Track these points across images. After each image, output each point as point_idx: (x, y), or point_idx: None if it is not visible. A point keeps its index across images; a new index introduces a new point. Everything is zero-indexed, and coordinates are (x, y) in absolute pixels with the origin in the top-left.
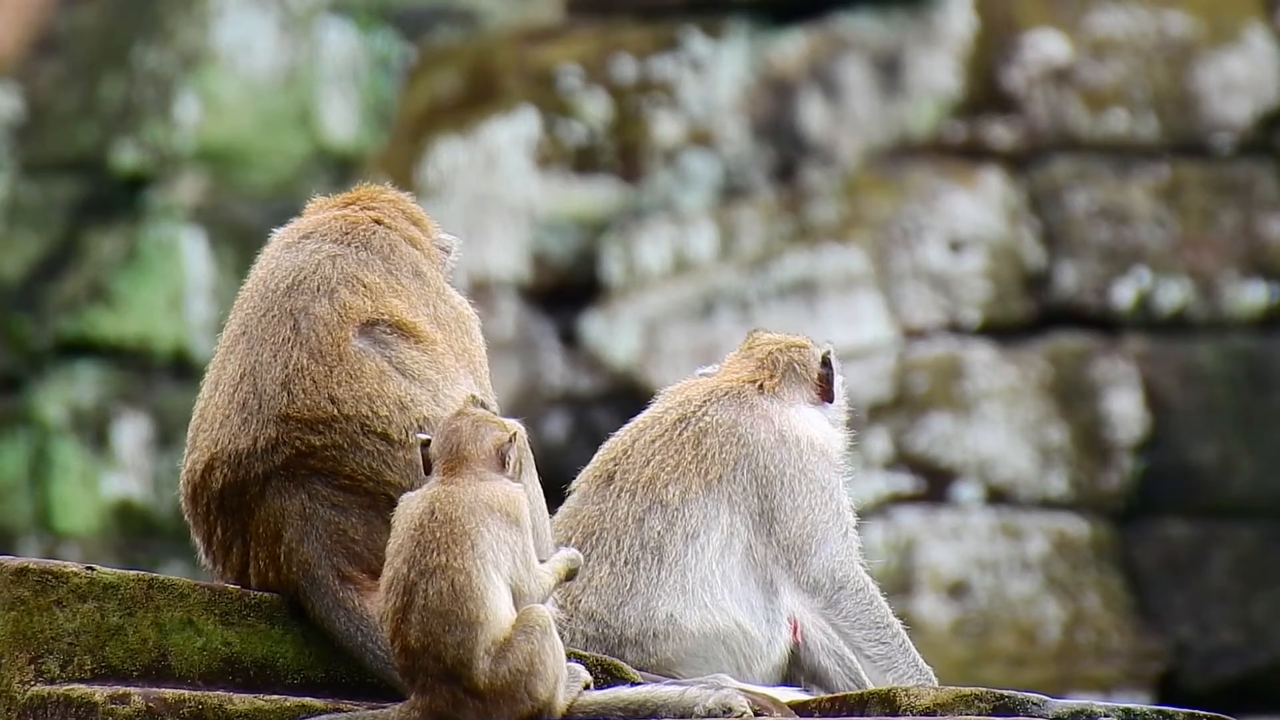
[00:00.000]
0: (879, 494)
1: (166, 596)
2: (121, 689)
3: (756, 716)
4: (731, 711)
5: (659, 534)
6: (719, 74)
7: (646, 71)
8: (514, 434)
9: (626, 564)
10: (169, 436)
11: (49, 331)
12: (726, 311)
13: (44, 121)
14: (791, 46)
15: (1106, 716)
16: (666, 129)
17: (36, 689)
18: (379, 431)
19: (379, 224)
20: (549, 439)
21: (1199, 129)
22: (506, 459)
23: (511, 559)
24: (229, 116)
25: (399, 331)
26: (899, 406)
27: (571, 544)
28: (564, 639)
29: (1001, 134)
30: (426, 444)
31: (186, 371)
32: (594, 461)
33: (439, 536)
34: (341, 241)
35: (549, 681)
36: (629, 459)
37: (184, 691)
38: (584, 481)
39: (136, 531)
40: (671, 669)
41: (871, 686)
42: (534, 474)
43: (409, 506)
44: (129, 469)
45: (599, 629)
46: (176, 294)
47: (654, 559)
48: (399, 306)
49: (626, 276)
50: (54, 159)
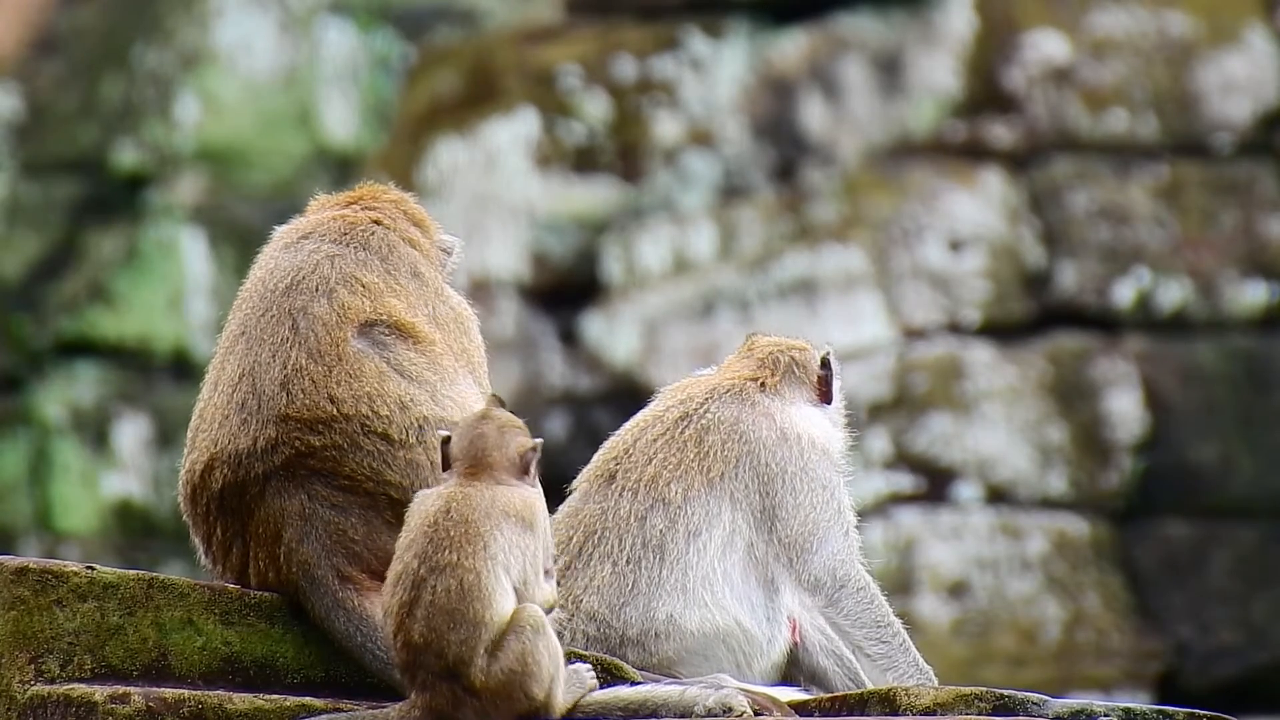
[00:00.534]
0: (879, 494)
1: (166, 596)
2: (121, 689)
3: (756, 716)
4: (731, 711)
5: (661, 532)
6: (719, 74)
7: (646, 71)
8: (538, 443)
9: (629, 563)
10: (169, 436)
11: (49, 331)
12: (726, 311)
13: (44, 121)
14: (791, 46)
15: (1106, 716)
16: (666, 129)
17: (36, 689)
18: (379, 431)
19: (378, 224)
20: (549, 439)
21: (1199, 129)
22: (529, 467)
23: (522, 563)
24: (229, 116)
25: (397, 332)
26: (899, 406)
27: (573, 543)
28: (564, 639)
29: (1001, 134)
30: (447, 440)
31: (186, 371)
32: (595, 460)
33: (453, 535)
34: (340, 242)
35: (543, 681)
36: (630, 458)
37: (184, 691)
38: (585, 480)
39: (136, 531)
40: (672, 667)
41: (871, 686)
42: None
43: (424, 503)
44: (129, 469)
45: (600, 629)
46: (176, 294)
47: (656, 557)
48: (397, 306)
49: (626, 276)
50: (54, 159)
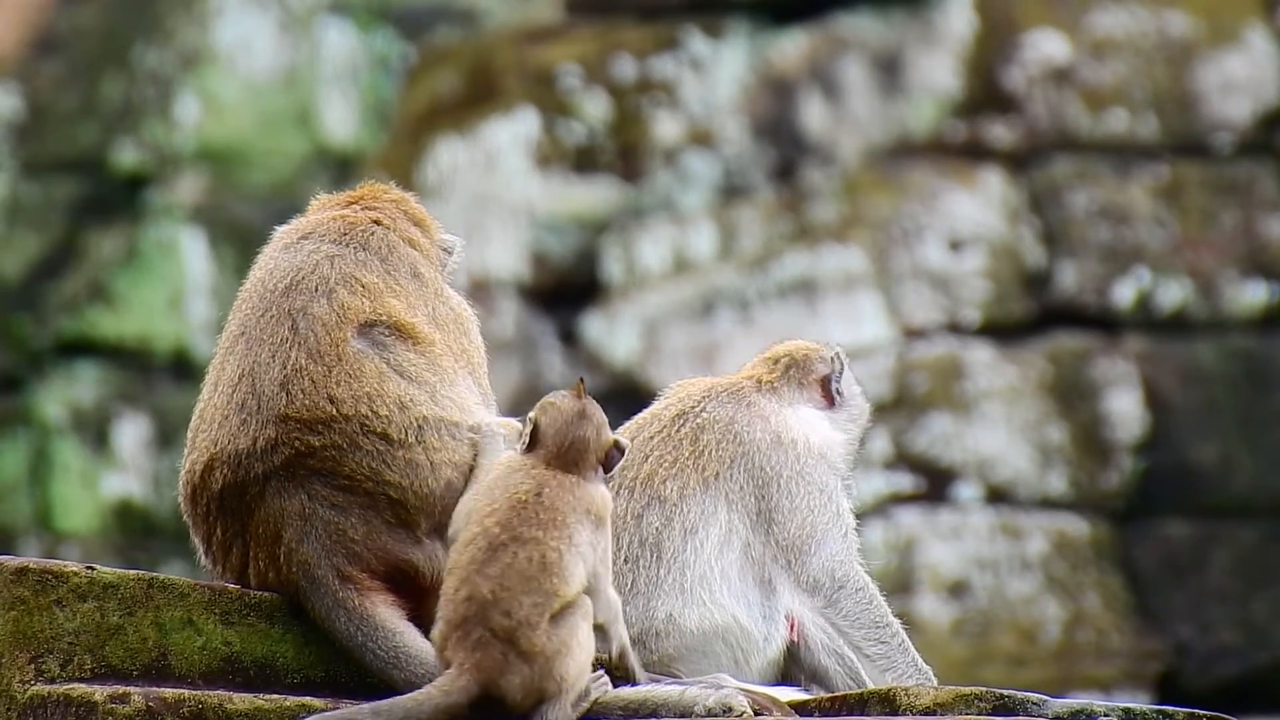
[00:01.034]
0: (879, 494)
1: (166, 596)
2: (121, 688)
3: (756, 716)
4: (731, 711)
5: (657, 530)
6: (719, 74)
7: (646, 71)
8: (627, 446)
9: (626, 561)
10: (169, 436)
11: (49, 331)
12: (726, 311)
13: (44, 121)
14: (791, 46)
15: (1106, 716)
16: (666, 129)
17: (36, 688)
18: (378, 431)
19: (377, 224)
20: None
21: (1199, 129)
22: (612, 466)
23: (593, 559)
24: (229, 116)
25: (397, 332)
26: (899, 406)
27: None
28: None
29: (1001, 134)
30: (531, 420)
31: (186, 371)
32: None
33: (541, 517)
34: (339, 242)
35: (573, 666)
36: (627, 456)
37: (184, 691)
38: None
39: (136, 531)
40: (671, 664)
41: (871, 686)
42: None
43: (511, 477)
44: (129, 469)
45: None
46: (176, 294)
47: (653, 555)
48: (397, 307)
49: (626, 276)
50: (54, 159)
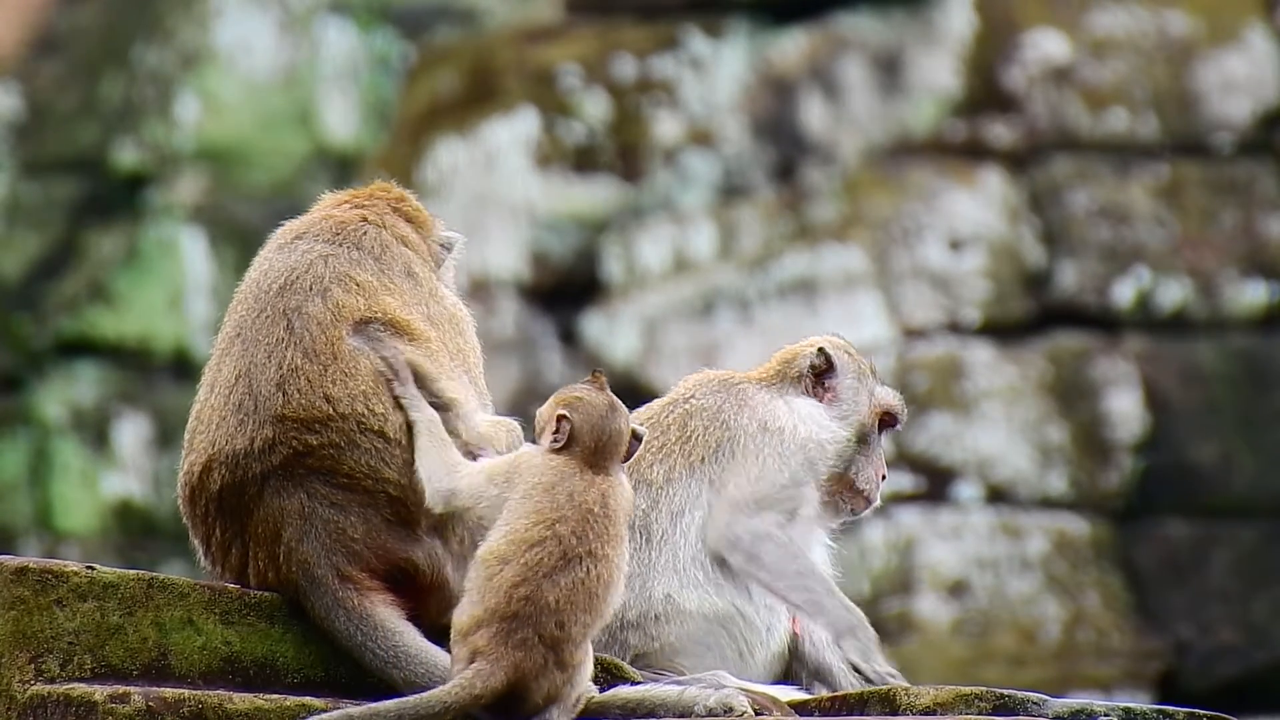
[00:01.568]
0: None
1: (166, 596)
2: (121, 688)
3: (757, 716)
4: (732, 711)
5: (644, 512)
6: (719, 73)
7: (646, 71)
8: (644, 435)
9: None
10: (169, 436)
11: (49, 331)
12: (726, 311)
13: (44, 121)
14: (791, 46)
15: (1106, 716)
16: (666, 128)
17: (36, 688)
18: (375, 429)
19: (371, 223)
20: None
21: (1199, 128)
22: (631, 455)
23: (626, 560)
24: (229, 116)
25: (393, 329)
26: None
27: None
28: None
29: (1001, 133)
30: (565, 418)
31: (186, 371)
32: None
33: (610, 532)
34: (333, 241)
35: (586, 676)
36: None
37: (184, 691)
38: None
39: (136, 531)
40: (675, 656)
41: (875, 685)
42: None
43: (570, 481)
44: (129, 469)
45: None
46: (176, 294)
47: (643, 538)
48: (392, 304)
49: (626, 276)
50: (54, 159)
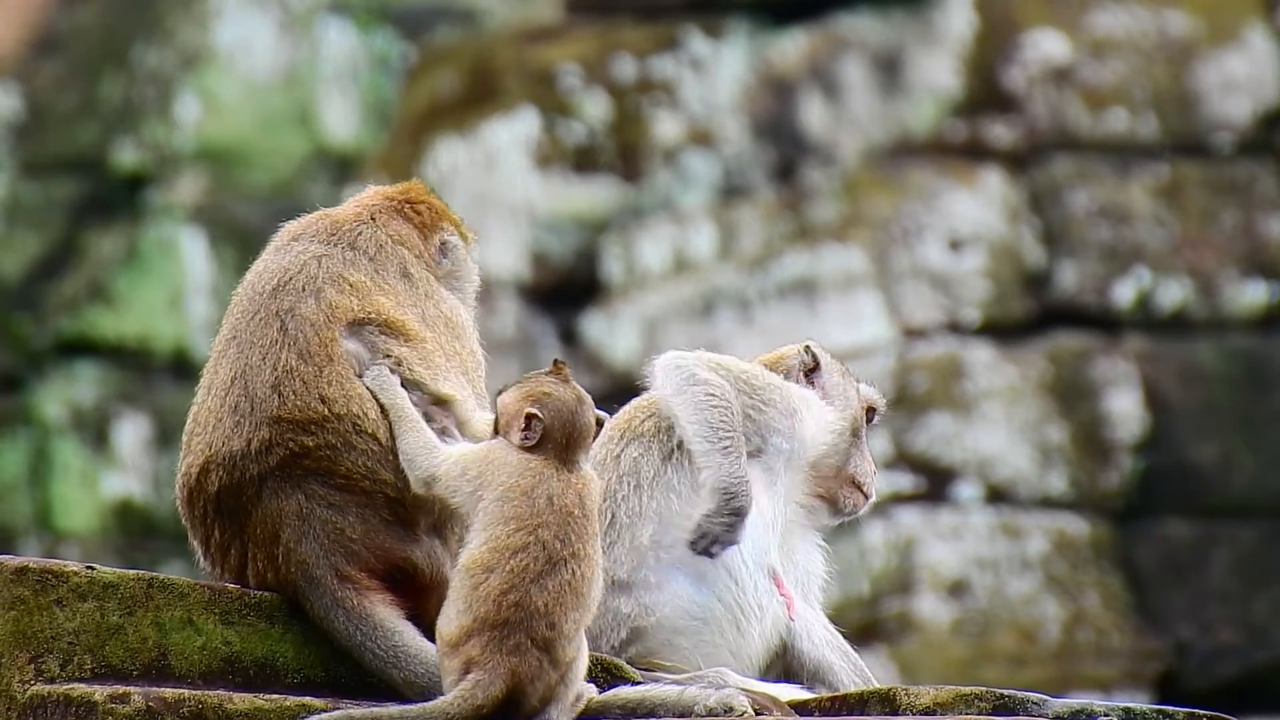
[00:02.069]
0: (879, 493)
1: (166, 596)
2: (121, 688)
3: (757, 716)
4: (732, 711)
5: (635, 459)
6: (719, 74)
7: (646, 71)
8: (605, 420)
9: (605, 500)
10: (169, 436)
11: (49, 331)
12: (726, 311)
13: (44, 121)
14: (791, 46)
15: (1106, 716)
16: (666, 129)
17: (36, 688)
18: (371, 431)
19: (366, 223)
20: None
21: (1199, 128)
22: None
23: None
24: (229, 116)
25: (387, 330)
26: (899, 406)
27: None
28: None
29: (1001, 133)
30: (536, 417)
31: (186, 371)
32: None
33: (586, 529)
34: (328, 241)
35: (580, 673)
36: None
37: (184, 691)
38: None
39: (136, 531)
40: (670, 636)
41: (875, 684)
42: None
43: (546, 483)
44: (129, 469)
45: None
46: (176, 294)
47: (631, 484)
48: (385, 304)
49: (626, 276)
50: (54, 159)
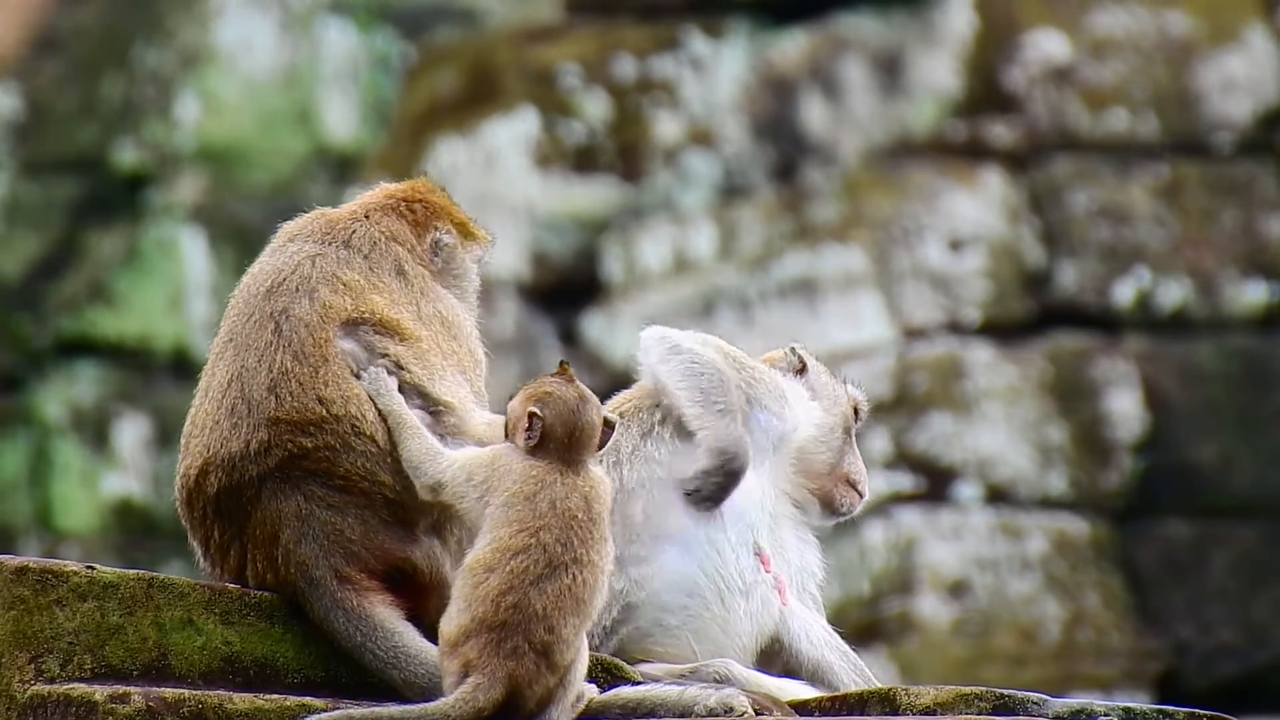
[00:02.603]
0: (879, 493)
1: (166, 596)
2: (121, 688)
3: (757, 715)
4: (732, 711)
5: (617, 439)
6: (719, 73)
7: (646, 71)
8: (615, 422)
9: None
10: (169, 436)
11: (49, 331)
12: (727, 311)
13: (44, 121)
14: (792, 46)
15: (1106, 716)
16: (666, 128)
17: (36, 688)
18: (368, 432)
19: (360, 221)
20: None
21: (1199, 128)
22: (605, 444)
23: (610, 559)
24: (229, 116)
25: (382, 329)
26: (899, 406)
27: None
28: None
29: (1002, 133)
30: (536, 415)
31: (186, 371)
32: None
33: (594, 535)
34: (323, 241)
35: (579, 674)
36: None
37: (184, 691)
38: None
39: (136, 531)
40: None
41: (875, 684)
42: None
43: (551, 489)
44: (129, 468)
45: None
46: (176, 293)
47: (610, 461)
48: (380, 303)
49: (627, 276)
50: (54, 158)
